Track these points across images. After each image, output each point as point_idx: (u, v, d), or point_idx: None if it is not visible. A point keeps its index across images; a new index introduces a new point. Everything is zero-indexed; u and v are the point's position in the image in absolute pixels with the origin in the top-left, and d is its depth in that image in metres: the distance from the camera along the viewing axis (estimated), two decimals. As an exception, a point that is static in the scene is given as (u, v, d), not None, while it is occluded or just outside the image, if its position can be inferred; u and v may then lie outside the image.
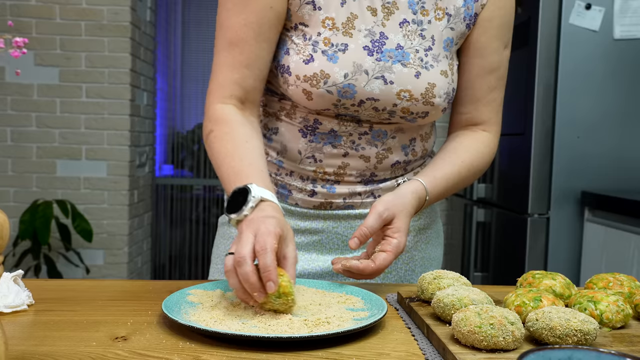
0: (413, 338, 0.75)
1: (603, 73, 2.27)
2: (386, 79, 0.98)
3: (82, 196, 3.31)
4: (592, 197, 2.22)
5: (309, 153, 1.05)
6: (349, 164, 1.05)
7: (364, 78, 0.97)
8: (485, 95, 1.08)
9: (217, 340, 0.71)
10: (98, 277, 3.35)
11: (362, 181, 1.07)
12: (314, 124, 1.03)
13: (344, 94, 0.97)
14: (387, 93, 0.98)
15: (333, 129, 1.03)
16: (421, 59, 1.00)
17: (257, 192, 0.85)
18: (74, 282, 1.00)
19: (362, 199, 1.08)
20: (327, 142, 1.04)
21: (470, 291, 0.76)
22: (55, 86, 3.26)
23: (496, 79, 1.08)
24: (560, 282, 0.83)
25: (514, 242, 2.45)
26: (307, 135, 1.04)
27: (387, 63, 0.99)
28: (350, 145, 1.04)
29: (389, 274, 1.11)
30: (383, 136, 1.05)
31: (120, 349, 0.69)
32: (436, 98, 1.01)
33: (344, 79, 0.97)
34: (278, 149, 1.08)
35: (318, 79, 0.97)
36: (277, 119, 1.07)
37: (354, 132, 1.03)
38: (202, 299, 0.85)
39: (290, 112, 1.05)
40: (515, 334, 0.65)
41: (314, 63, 0.97)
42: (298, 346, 0.70)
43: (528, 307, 0.74)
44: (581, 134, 2.29)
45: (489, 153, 1.10)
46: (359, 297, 0.87)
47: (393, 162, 1.07)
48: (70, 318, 0.80)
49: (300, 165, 1.06)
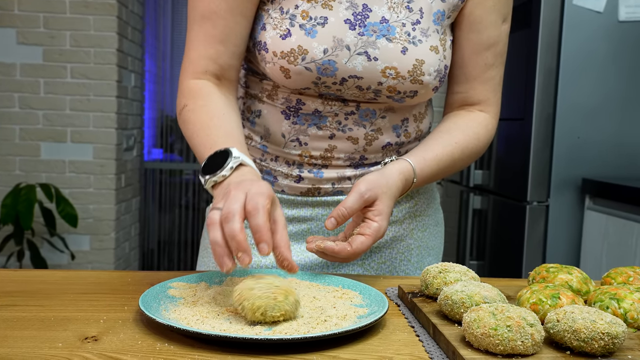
0: (418, 339, 0.67)
1: (606, 56, 2.20)
2: (370, 55, 0.91)
3: (67, 180, 3.21)
4: (593, 185, 2.16)
5: (293, 136, 0.98)
6: (336, 147, 0.98)
7: (345, 54, 0.90)
8: (482, 73, 1.00)
9: (199, 342, 0.64)
10: (84, 263, 3.26)
11: (351, 165, 1.00)
12: (297, 104, 0.96)
13: (323, 71, 0.90)
14: (371, 70, 0.91)
15: (317, 109, 0.96)
16: (408, 33, 0.92)
17: (238, 154, 0.81)
18: (44, 272, 0.92)
19: (352, 184, 1.01)
20: (312, 123, 0.97)
21: (481, 287, 0.69)
22: (39, 66, 3.14)
23: (494, 55, 1.00)
24: (577, 277, 0.76)
25: (512, 230, 2.39)
26: (290, 116, 0.97)
27: (370, 38, 0.91)
28: (336, 126, 0.97)
29: (382, 264, 1.04)
30: (371, 116, 0.97)
31: (89, 351, 0.61)
32: (425, 76, 0.93)
33: (323, 54, 0.89)
34: (261, 132, 1.01)
35: (295, 55, 0.90)
36: (260, 101, 1.00)
37: (340, 112, 0.96)
38: (184, 292, 0.77)
39: (272, 93, 0.98)
40: (535, 337, 0.58)
41: (291, 38, 0.90)
42: (290, 348, 0.63)
43: (545, 305, 0.67)
44: (583, 119, 2.22)
45: (486, 135, 1.02)
46: (357, 292, 0.80)
47: (384, 143, 1.00)
48: (35, 314, 0.71)
49: (285, 150, 0.99)
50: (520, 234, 2.30)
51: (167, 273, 0.94)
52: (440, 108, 3.32)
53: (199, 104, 0.92)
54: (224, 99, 0.94)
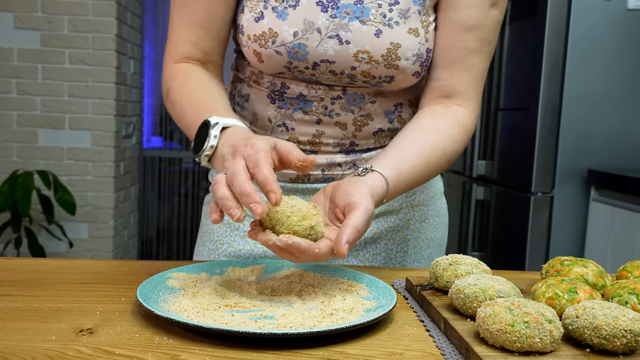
0: (428, 334, 0.65)
1: (614, 45, 2.16)
2: (341, 38, 0.87)
3: (65, 167, 3.17)
4: (598, 176, 2.12)
5: (279, 121, 0.95)
6: (324, 132, 0.94)
7: (315, 37, 0.87)
8: (461, 58, 0.91)
9: (199, 335, 0.61)
10: (82, 251, 3.23)
11: (341, 151, 0.96)
12: (281, 88, 0.93)
13: (294, 55, 0.87)
14: (343, 54, 0.87)
15: (302, 93, 0.93)
16: (384, 14, 0.87)
17: (216, 119, 0.78)
18: (39, 261, 0.89)
19: (342, 171, 0.97)
20: (297, 108, 0.94)
21: (494, 280, 0.66)
22: (36, 51, 3.09)
23: (475, 40, 0.90)
24: (593, 270, 0.73)
25: (515, 221, 2.36)
26: (275, 100, 0.95)
27: (342, 20, 0.87)
28: (322, 111, 0.93)
29: (377, 255, 1.00)
30: (360, 101, 0.93)
31: (84, 345, 0.58)
32: (402, 60, 0.88)
33: (293, 37, 0.86)
34: (249, 117, 0.99)
35: (266, 38, 0.87)
36: (248, 85, 0.98)
37: (325, 96, 0.93)
38: (184, 283, 0.74)
39: (258, 77, 0.96)
40: (554, 333, 0.55)
41: (263, 21, 0.87)
42: (295, 343, 0.60)
43: (562, 300, 0.64)
44: (589, 109, 2.18)
45: (464, 137, 0.92)
46: (363, 284, 0.77)
47: (375, 129, 0.96)
48: (29, 305, 0.68)
49: (273, 135, 0.96)
50: (524, 226, 2.27)
51: (166, 263, 0.91)
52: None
53: (181, 83, 0.91)
54: (207, 74, 0.93)
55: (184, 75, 0.92)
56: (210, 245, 1.01)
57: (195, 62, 0.94)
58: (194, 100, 0.88)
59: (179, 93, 0.91)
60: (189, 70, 0.93)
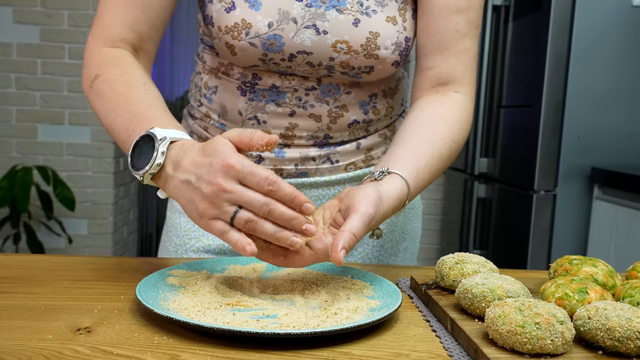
0: (434, 334, 0.63)
1: (619, 42, 2.14)
2: (318, 28, 0.84)
3: (64, 163, 3.15)
4: (602, 174, 2.11)
5: (250, 114, 0.92)
6: (297, 125, 0.91)
7: (291, 27, 0.83)
8: (455, 42, 0.87)
9: (200, 335, 0.59)
10: (81, 247, 3.22)
11: (315, 144, 0.93)
12: (253, 79, 0.90)
13: (269, 46, 0.84)
14: (321, 45, 0.84)
15: (274, 84, 0.89)
16: (361, 3, 0.85)
17: (162, 134, 0.69)
18: (37, 257, 0.87)
19: (316, 165, 0.94)
20: (270, 99, 0.90)
21: (503, 280, 0.64)
22: (36, 46, 3.07)
23: (466, 22, 0.87)
24: (603, 270, 0.71)
25: (517, 219, 2.35)
26: (246, 93, 0.91)
27: (319, 9, 0.84)
28: (296, 102, 0.90)
29: (354, 250, 0.98)
30: (335, 91, 0.90)
31: (82, 344, 0.56)
32: (381, 50, 0.85)
33: (268, 28, 0.83)
34: (218, 110, 0.95)
35: (239, 29, 0.83)
36: (216, 77, 0.94)
37: (300, 87, 0.89)
38: (184, 281, 0.73)
39: (228, 68, 0.92)
40: (565, 335, 0.54)
41: (235, 11, 0.83)
42: (299, 343, 0.58)
43: (572, 300, 0.62)
44: (593, 107, 2.16)
45: (467, 121, 0.89)
46: (367, 283, 0.75)
47: (350, 121, 0.93)
48: (25, 303, 0.67)
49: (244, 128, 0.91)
50: (526, 224, 2.25)
51: (166, 260, 0.90)
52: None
53: (114, 72, 0.81)
54: (143, 70, 0.84)
55: (116, 63, 0.83)
56: (177, 240, 0.98)
57: (128, 47, 0.86)
58: (130, 98, 0.78)
59: (110, 85, 0.81)
60: (122, 58, 0.84)
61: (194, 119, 1.00)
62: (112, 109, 0.78)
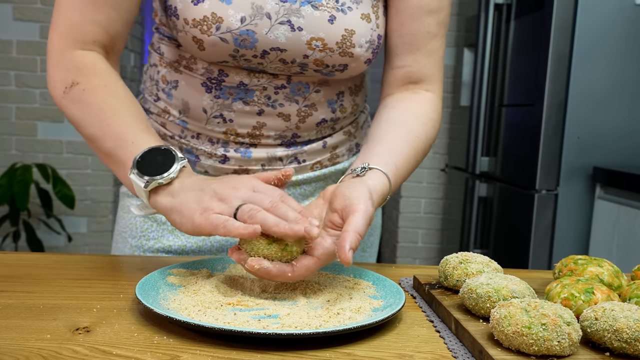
0: (438, 335, 0.62)
1: (622, 41, 2.13)
2: (293, 24, 0.81)
3: (64, 161, 3.14)
4: (604, 173, 2.10)
5: (216, 112, 0.88)
6: (265, 124, 0.88)
7: (265, 23, 0.80)
8: (426, 42, 0.88)
9: (201, 335, 0.58)
10: (81, 245, 3.21)
11: (282, 144, 0.91)
12: (219, 76, 0.86)
13: (241, 42, 0.80)
14: (295, 42, 0.81)
15: (242, 81, 0.86)
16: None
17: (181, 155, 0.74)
18: (35, 255, 0.86)
19: (283, 165, 0.92)
20: (237, 97, 0.87)
21: (508, 280, 0.63)
22: (36, 43, 3.06)
23: (437, 23, 0.88)
24: (608, 270, 0.71)
25: (519, 219, 2.34)
26: (211, 90, 0.87)
27: (293, 5, 0.81)
28: (265, 101, 0.87)
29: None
30: (304, 90, 0.88)
31: (80, 344, 0.55)
32: (356, 48, 0.84)
33: (240, 23, 0.79)
34: (179, 107, 0.90)
35: (209, 23, 0.79)
36: (176, 71, 0.89)
37: (269, 85, 0.86)
38: (184, 280, 0.72)
39: (190, 62, 0.87)
40: (572, 336, 0.53)
41: (203, 4, 0.79)
42: (301, 344, 0.57)
43: (578, 301, 0.61)
44: (595, 106, 2.15)
45: (438, 119, 0.91)
46: (370, 282, 0.74)
47: (318, 120, 0.91)
48: (23, 302, 0.66)
49: (208, 127, 0.89)
50: (528, 223, 2.24)
51: (167, 258, 0.89)
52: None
53: (97, 82, 0.79)
54: (121, 81, 0.82)
55: (96, 72, 0.80)
56: (133, 241, 0.94)
57: (100, 50, 0.82)
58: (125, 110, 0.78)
59: (95, 94, 0.78)
60: (100, 65, 0.81)
61: (149, 114, 0.95)
62: (104, 119, 0.77)
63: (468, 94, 2.97)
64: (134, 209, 0.76)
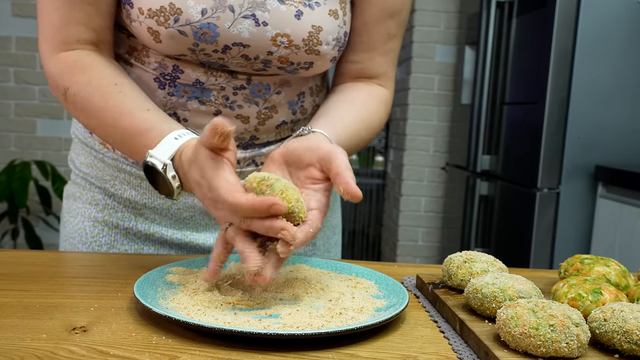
0: (442, 335, 0.61)
1: (625, 38, 2.11)
2: (258, 19, 0.77)
3: (63, 158, 3.13)
4: (606, 172, 2.08)
5: (169, 110, 0.83)
6: None
7: (228, 16, 0.76)
8: (383, 43, 0.88)
9: (200, 335, 0.57)
10: (80, 243, 3.19)
11: (240, 145, 0.87)
12: (174, 72, 0.81)
13: (202, 36, 0.76)
14: (260, 37, 0.77)
15: (199, 79, 0.81)
16: None
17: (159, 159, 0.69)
18: (32, 253, 0.85)
19: (240, 168, 0.88)
20: (193, 96, 0.82)
21: (514, 280, 0.62)
22: (35, 39, 3.04)
23: (397, 25, 0.88)
24: (615, 270, 0.69)
25: (520, 217, 2.32)
26: (165, 86, 0.82)
27: None
28: (222, 102, 0.83)
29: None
30: (265, 91, 0.84)
31: (77, 344, 0.54)
32: (323, 45, 0.80)
33: (201, 16, 0.75)
34: None
35: (167, 15, 0.74)
36: (126, 63, 0.84)
37: (227, 85, 0.82)
38: (184, 279, 0.70)
39: (142, 55, 0.82)
40: (581, 338, 0.51)
41: None
42: (302, 344, 0.56)
43: (586, 301, 0.60)
44: (598, 104, 2.14)
45: (386, 112, 0.91)
46: (372, 281, 0.73)
47: (279, 122, 0.88)
48: (19, 300, 0.65)
49: None
50: (529, 222, 2.23)
51: (165, 256, 0.87)
52: (447, 91, 3.24)
53: (81, 80, 0.77)
54: (107, 65, 0.79)
55: (79, 69, 0.77)
56: (83, 247, 0.90)
57: (87, 47, 0.79)
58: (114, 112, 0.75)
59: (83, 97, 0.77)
60: (82, 61, 0.78)
61: None
62: (99, 126, 0.77)
63: (469, 92, 2.95)
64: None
